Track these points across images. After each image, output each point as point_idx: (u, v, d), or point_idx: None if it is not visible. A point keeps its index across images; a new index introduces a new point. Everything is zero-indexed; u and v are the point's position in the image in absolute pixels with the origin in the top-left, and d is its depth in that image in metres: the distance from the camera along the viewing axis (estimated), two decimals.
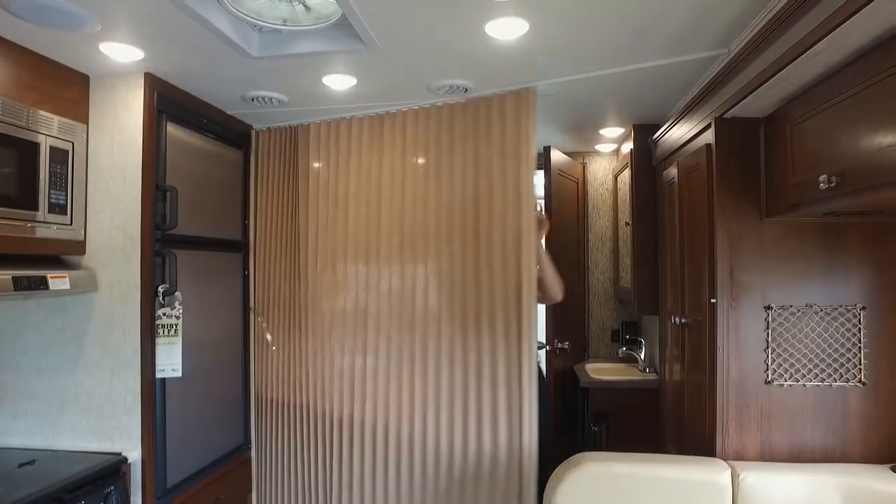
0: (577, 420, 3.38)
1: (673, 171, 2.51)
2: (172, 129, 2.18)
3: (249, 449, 2.74)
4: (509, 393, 2.26)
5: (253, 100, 2.36)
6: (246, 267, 2.73)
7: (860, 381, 1.90)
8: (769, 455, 1.94)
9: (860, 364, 1.90)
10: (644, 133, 2.94)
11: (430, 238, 2.43)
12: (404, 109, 2.47)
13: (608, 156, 3.73)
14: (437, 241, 2.41)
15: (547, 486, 2.01)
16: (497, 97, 2.30)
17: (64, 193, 1.92)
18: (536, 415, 2.21)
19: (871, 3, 1.19)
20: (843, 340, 1.92)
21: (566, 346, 3.21)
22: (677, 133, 2.49)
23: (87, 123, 2.04)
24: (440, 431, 2.39)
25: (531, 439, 2.21)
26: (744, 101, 1.83)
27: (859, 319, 1.91)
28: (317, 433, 2.63)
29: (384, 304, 2.51)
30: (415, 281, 2.46)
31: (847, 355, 1.91)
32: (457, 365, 2.37)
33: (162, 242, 2.12)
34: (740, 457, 1.95)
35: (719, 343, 1.97)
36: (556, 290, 2.42)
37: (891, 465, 1.83)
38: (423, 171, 2.46)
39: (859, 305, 1.91)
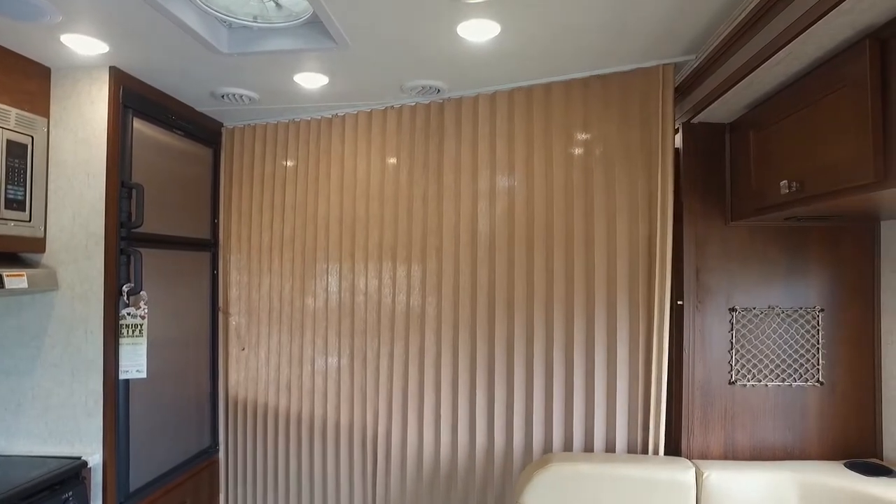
0: None
1: None
2: (139, 125, 2.13)
3: (217, 451, 2.69)
4: (632, 395, 2.06)
5: (223, 97, 2.32)
6: (215, 266, 2.69)
7: (818, 380, 1.96)
8: (732, 453, 1.99)
9: (818, 364, 1.96)
10: None
11: (447, 239, 2.35)
12: (411, 104, 2.42)
13: None
14: (459, 241, 2.32)
15: (515, 487, 2.02)
16: (616, 76, 2.08)
17: (22, 189, 1.86)
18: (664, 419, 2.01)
19: (826, 16, 1.23)
20: (802, 342, 1.98)
21: None
22: None
23: (47, 117, 1.98)
24: (468, 436, 2.33)
25: (658, 438, 2.00)
26: (710, 107, 1.88)
27: (818, 321, 1.97)
28: (288, 434, 2.60)
29: (375, 304, 2.48)
30: (419, 281, 2.40)
31: (806, 356, 1.97)
32: (494, 368, 2.26)
33: (127, 241, 2.07)
34: (705, 455, 1.99)
35: (685, 344, 2.01)
36: None
37: (845, 461, 1.89)
38: (431, 169, 2.40)
39: (818, 307, 1.97)
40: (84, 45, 1.80)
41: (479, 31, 1.73)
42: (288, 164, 2.64)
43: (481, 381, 2.29)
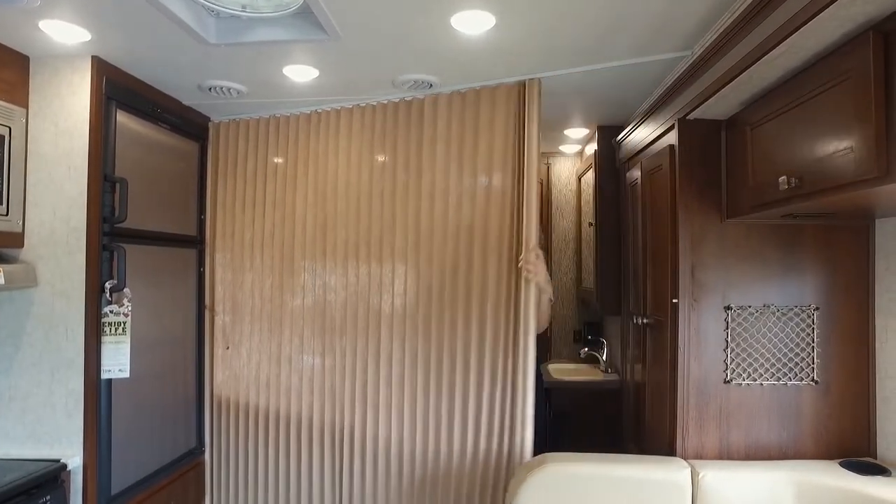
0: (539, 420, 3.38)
1: (636, 173, 2.53)
2: (123, 118, 2.07)
3: (203, 452, 2.63)
4: (504, 393, 2.23)
5: (210, 89, 2.26)
6: (202, 263, 2.63)
7: (813, 379, 1.95)
8: (727, 453, 1.97)
9: (813, 363, 1.95)
10: (608, 134, 2.96)
11: (399, 237, 2.38)
12: (374, 103, 2.43)
13: (572, 157, 3.76)
14: (408, 239, 2.37)
15: (509, 487, 1.99)
16: (489, 90, 2.24)
17: None
18: (532, 415, 2.17)
19: (827, 9, 1.21)
20: (797, 340, 1.96)
21: None
22: (641, 134, 2.52)
23: (26, 108, 1.91)
24: (410, 432, 2.36)
25: (525, 440, 2.17)
26: (706, 104, 1.86)
27: (813, 320, 1.96)
28: (278, 435, 2.55)
29: (343, 302, 2.46)
30: (377, 279, 2.42)
31: (801, 355, 1.96)
32: (429, 364, 2.34)
33: (110, 236, 2.00)
34: (700, 455, 1.97)
35: (680, 343, 1.99)
36: (545, 320, 2.31)
37: (840, 460, 1.88)
38: (388, 167, 2.41)
39: (813, 306, 1.96)
40: (64, 33, 1.74)
41: (473, 23, 1.70)
42: (271, 160, 2.60)
43: (421, 383, 2.35)
